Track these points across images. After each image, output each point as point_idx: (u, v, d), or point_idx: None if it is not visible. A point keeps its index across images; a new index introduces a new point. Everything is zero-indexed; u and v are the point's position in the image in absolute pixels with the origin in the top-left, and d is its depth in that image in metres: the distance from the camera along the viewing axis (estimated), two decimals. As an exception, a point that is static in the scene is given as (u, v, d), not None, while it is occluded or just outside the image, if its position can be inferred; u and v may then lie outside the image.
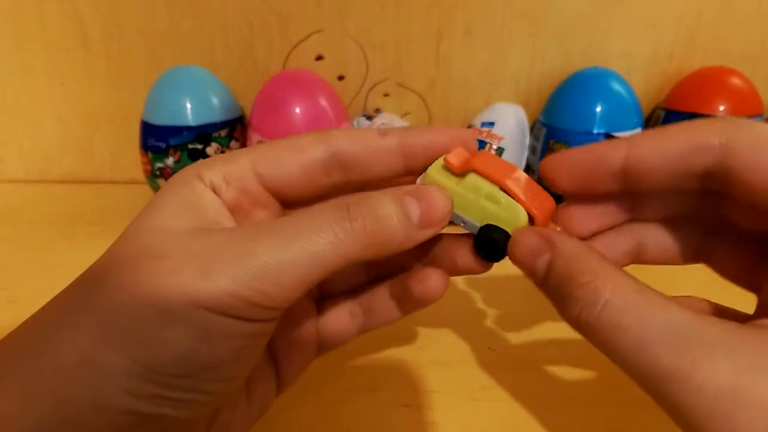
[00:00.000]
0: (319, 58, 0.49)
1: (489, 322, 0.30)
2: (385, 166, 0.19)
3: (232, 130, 0.44)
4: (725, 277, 0.20)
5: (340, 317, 0.22)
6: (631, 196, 0.20)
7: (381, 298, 0.21)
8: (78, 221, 0.44)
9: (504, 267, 0.20)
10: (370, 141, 0.19)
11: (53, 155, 0.53)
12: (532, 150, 0.46)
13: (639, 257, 0.21)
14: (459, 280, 0.35)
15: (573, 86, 0.44)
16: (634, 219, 0.21)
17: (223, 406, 0.18)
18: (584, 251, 0.16)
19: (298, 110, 0.41)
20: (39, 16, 0.48)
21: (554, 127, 0.44)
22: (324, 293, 0.23)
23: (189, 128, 0.42)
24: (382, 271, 0.22)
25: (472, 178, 0.18)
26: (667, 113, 0.45)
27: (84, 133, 0.52)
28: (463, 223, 0.19)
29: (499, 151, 0.45)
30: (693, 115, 0.42)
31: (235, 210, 0.18)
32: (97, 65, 0.49)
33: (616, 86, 0.43)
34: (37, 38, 0.49)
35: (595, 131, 0.42)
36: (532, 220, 0.18)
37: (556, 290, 0.16)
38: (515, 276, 0.35)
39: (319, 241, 0.15)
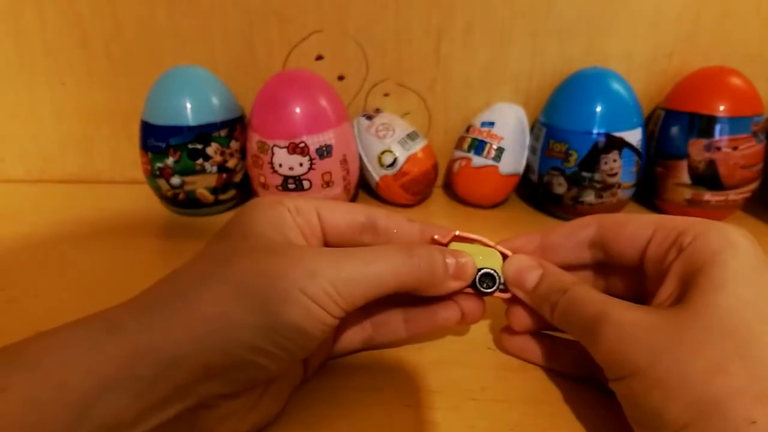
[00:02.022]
0: (319, 58, 0.49)
1: (489, 322, 0.30)
2: (405, 238, 0.26)
3: (232, 130, 0.44)
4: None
5: (351, 328, 0.27)
6: None
7: (394, 318, 0.27)
8: (78, 221, 0.44)
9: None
10: (400, 223, 0.26)
11: (53, 155, 0.53)
12: (532, 150, 0.46)
13: None
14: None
15: (573, 86, 0.44)
16: None
17: (281, 374, 0.22)
18: (560, 271, 0.25)
19: (298, 110, 0.41)
20: (39, 16, 0.48)
21: (554, 127, 0.44)
22: None
23: (189, 128, 0.42)
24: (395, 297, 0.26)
25: (456, 245, 0.26)
26: (667, 113, 0.45)
27: (84, 133, 0.52)
28: None
29: (499, 150, 0.45)
30: (693, 115, 0.42)
31: (303, 234, 0.24)
32: (97, 65, 0.49)
33: (616, 86, 0.43)
34: (37, 38, 0.49)
35: (595, 131, 0.42)
36: (504, 258, 0.26)
37: (543, 295, 0.24)
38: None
39: (385, 267, 0.22)
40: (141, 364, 0.17)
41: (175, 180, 0.43)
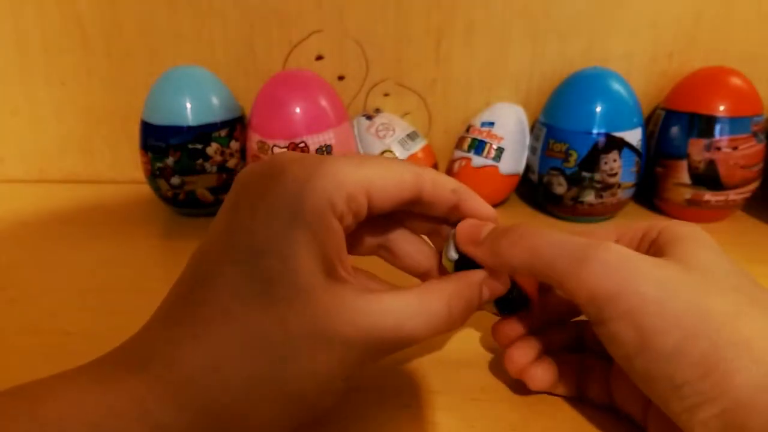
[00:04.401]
0: (319, 58, 0.49)
1: (489, 322, 0.30)
2: (441, 210, 0.23)
3: (232, 130, 0.44)
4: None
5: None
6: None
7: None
8: (78, 221, 0.44)
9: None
10: (442, 195, 0.22)
11: (53, 155, 0.53)
12: (532, 150, 0.46)
13: None
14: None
15: (573, 86, 0.44)
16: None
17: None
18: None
19: (298, 110, 0.41)
20: (39, 16, 0.48)
21: (554, 127, 0.44)
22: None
23: (189, 128, 0.42)
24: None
25: None
26: (667, 113, 0.45)
27: (84, 133, 0.52)
28: None
29: (499, 150, 0.45)
30: (693, 115, 0.42)
31: (346, 233, 0.20)
32: (97, 65, 0.49)
33: (616, 86, 0.43)
34: (37, 38, 0.49)
35: (595, 131, 0.42)
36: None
37: (499, 236, 0.21)
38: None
39: (425, 328, 0.19)
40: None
41: (175, 180, 0.43)
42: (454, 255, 0.23)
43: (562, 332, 0.25)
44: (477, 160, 0.45)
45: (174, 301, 0.19)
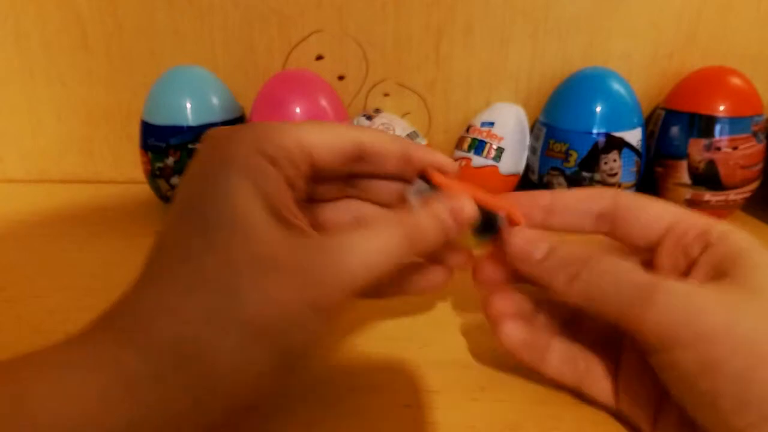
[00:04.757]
0: (319, 58, 0.49)
1: (488, 323, 0.30)
2: (390, 165, 0.24)
3: (232, 130, 0.44)
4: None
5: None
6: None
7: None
8: (78, 221, 0.44)
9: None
10: (385, 146, 0.23)
11: (53, 155, 0.53)
12: (532, 150, 0.46)
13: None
14: (459, 281, 0.35)
15: (573, 86, 0.44)
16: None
17: None
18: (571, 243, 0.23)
19: (298, 110, 0.41)
20: (39, 16, 0.48)
21: (554, 127, 0.44)
22: None
23: (189, 128, 0.42)
24: None
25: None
26: (667, 113, 0.45)
27: (84, 133, 0.52)
28: None
29: (499, 151, 0.45)
30: (693, 115, 0.42)
31: (288, 183, 0.21)
32: (97, 65, 0.49)
33: (616, 86, 0.43)
34: (37, 38, 0.49)
35: (595, 131, 0.42)
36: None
37: (557, 266, 0.22)
38: (515, 276, 0.34)
39: (387, 255, 0.20)
40: (154, 421, 0.16)
41: (175, 180, 0.43)
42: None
43: (560, 307, 0.26)
44: (477, 160, 0.45)
45: (141, 272, 0.20)
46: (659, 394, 0.22)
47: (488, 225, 0.24)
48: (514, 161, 0.46)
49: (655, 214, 0.23)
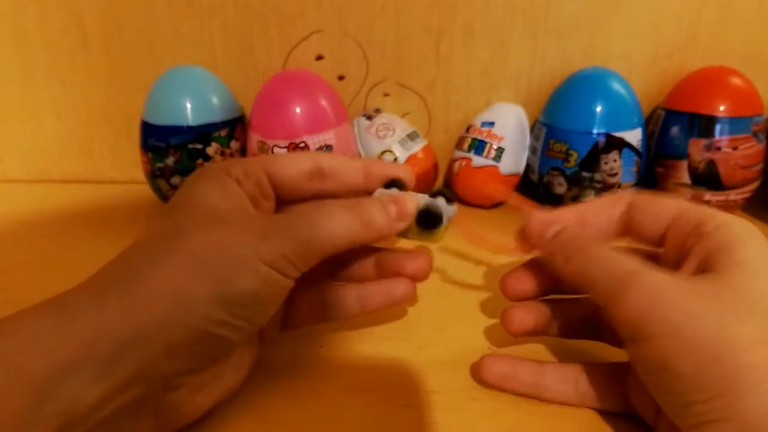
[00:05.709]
0: (319, 58, 0.49)
1: (489, 322, 0.30)
2: (352, 179, 0.26)
3: (232, 130, 0.44)
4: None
5: (305, 304, 0.27)
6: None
7: (348, 296, 0.27)
8: (78, 221, 0.44)
9: (505, 266, 0.20)
10: (343, 162, 0.26)
11: (53, 155, 0.53)
12: (532, 150, 0.46)
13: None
14: (458, 281, 0.35)
15: (573, 86, 0.44)
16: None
17: (241, 346, 0.22)
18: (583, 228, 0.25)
19: (298, 110, 0.41)
20: (39, 16, 0.48)
21: (554, 127, 0.44)
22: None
23: (189, 128, 0.42)
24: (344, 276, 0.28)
25: None
26: (667, 113, 0.45)
27: (84, 133, 0.52)
28: None
29: (499, 150, 0.45)
30: (693, 115, 0.42)
31: (251, 199, 0.24)
32: (97, 65, 0.49)
33: (616, 86, 0.43)
34: (37, 38, 0.49)
35: (595, 131, 0.42)
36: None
37: (561, 244, 0.24)
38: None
39: (335, 227, 0.22)
40: (99, 346, 0.17)
41: (175, 180, 0.43)
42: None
43: (575, 305, 0.26)
44: (477, 160, 0.45)
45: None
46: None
47: (430, 220, 0.26)
48: (514, 161, 0.46)
49: (661, 208, 0.24)
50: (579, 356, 0.27)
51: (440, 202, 0.26)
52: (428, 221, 0.25)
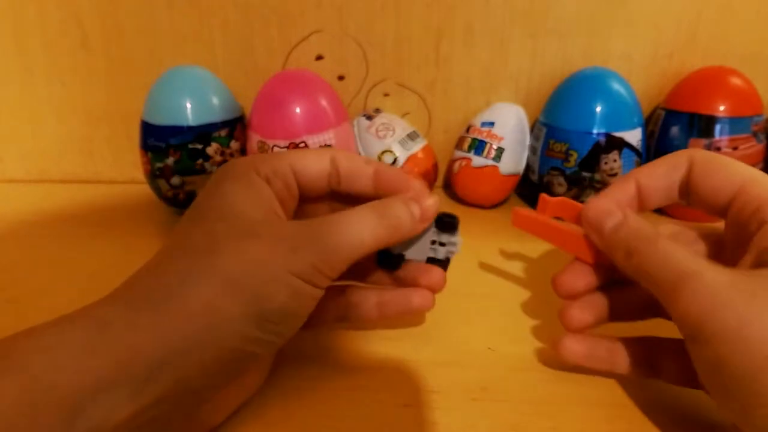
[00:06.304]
0: (319, 58, 0.49)
1: (489, 322, 0.30)
2: (364, 182, 0.25)
3: (232, 130, 0.44)
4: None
5: (326, 306, 0.26)
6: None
7: (368, 300, 0.27)
8: (78, 221, 0.44)
9: (505, 266, 0.20)
10: (359, 166, 0.25)
11: (53, 155, 0.53)
12: (533, 150, 0.46)
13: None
14: (459, 280, 0.35)
15: (573, 86, 0.44)
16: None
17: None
18: (643, 220, 0.23)
19: (298, 110, 0.41)
20: (39, 16, 0.48)
21: (554, 127, 0.44)
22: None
23: (189, 128, 0.42)
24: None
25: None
26: (667, 113, 0.45)
27: (84, 133, 0.52)
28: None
29: (499, 151, 0.45)
30: (693, 115, 0.42)
31: (280, 200, 0.24)
32: (97, 65, 0.49)
33: (616, 86, 0.43)
34: (37, 38, 0.49)
35: (595, 131, 0.42)
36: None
37: (621, 240, 0.23)
38: (516, 276, 0.35)
39: (363, 230, 0.22)
40: (134, 365, 0.17)
41: (175, 180, 0.43)
42: None
43: (633, 291, 0.26)
44: (477, 160, 0.45)
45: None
46: None
47: (391, 260, 0.27)
48: (514, 161, 0.46)
49: (720, 182, 0.23)
50: (639, 332, 0.26)
51: (444, 238, 0.26)
52: (446, 226, 0.26)
